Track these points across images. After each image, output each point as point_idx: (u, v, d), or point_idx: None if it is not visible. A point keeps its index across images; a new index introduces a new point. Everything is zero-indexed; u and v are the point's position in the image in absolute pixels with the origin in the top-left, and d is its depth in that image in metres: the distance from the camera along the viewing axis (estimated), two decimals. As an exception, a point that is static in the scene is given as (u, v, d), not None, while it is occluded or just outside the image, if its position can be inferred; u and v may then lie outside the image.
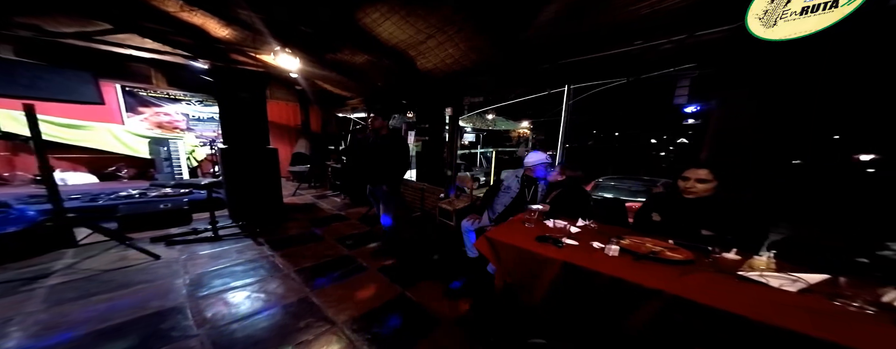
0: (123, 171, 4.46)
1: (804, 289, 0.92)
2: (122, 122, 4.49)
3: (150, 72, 4.27)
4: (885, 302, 0.79)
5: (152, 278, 1.96)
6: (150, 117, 4.74)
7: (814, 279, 0.96)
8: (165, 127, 4.88)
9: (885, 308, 0.79)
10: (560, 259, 1.17)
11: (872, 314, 0.80)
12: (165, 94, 4.83)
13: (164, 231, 2.77)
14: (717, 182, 1.34)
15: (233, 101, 3.06)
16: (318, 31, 2.86)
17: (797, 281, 0.95)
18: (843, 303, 0.84)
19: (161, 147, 4.37)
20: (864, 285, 0.85)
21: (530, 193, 2.15)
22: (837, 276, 0.91)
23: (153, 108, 4.76)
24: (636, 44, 1.81)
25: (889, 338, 0.70)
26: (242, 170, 3.12)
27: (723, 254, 1.09)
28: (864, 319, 0.79)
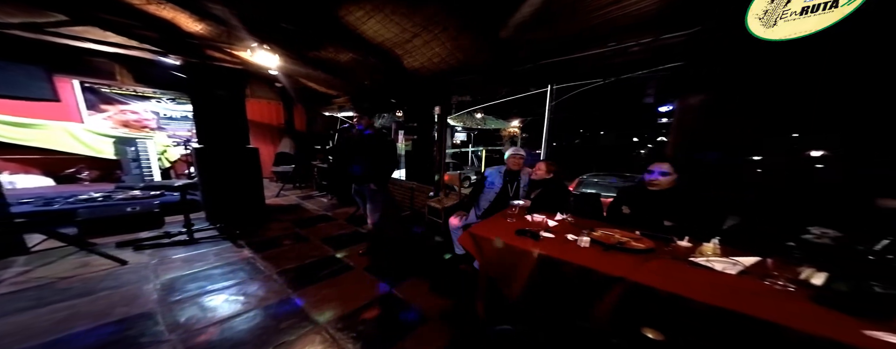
0: (84, 174, 4.12)
1: (742, 271, 1.02)
2: (82, 120, 4.16)
3: (113, 67, 4.00)
4: (802, 279, 0.90)
5: (118, 284, 1.84)
6: (114, 115, 4.43)
7: (749, 262, 1.06)
8: (133, 126, 4.57)
9: (802, 285, 0.90)
10: (536, 251, 1.21)
11: (793, 291, 0.90)
12: (132, 91, 4.53)
13: (133, 235, 2.60)
14: (678, 175, 1.44)
15: (208, 99, 2.93)
16: (300, 29, 2.80)
17: (736, 264, 1.05)
18: (771, 283, 0.94)
19: (128, 147, 4.08)
20: (787, 265, 0.96)
21: (513, 188, 2.21)
22: (766, 258, 1.01)
23: (118, 106, 4.45)
24: (609, 46, 1.92)
25: (804, 312, 0.80)
26: (220, 170, 2.99)
27: (678, 242, 1.18)
28: (785, 296, 0.89)
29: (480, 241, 1.43)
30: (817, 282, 0.87)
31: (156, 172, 4.34)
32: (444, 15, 2.23)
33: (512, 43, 2.25)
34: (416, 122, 3.78)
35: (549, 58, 2.26)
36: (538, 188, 2.02)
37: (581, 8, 1.77)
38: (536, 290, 1.23)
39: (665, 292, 0.91)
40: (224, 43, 3.27)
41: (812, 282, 0.88)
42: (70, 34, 2.96)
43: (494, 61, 2.58)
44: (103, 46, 3.27)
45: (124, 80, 4.11)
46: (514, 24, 1.98)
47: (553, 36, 2.07)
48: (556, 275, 1.17)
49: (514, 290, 1.29)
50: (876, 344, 0.68)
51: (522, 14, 1.84)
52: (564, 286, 1.15)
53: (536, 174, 2.03)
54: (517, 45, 2.27)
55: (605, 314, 1.02)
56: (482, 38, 2.37)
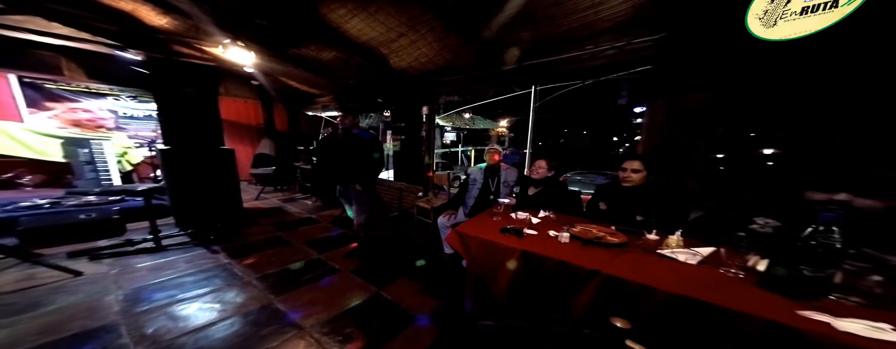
0: (26, 178, 3.68)
1: (701, 261, 1.12)
2: (21, 119, 3.72)
3: (60, 61, 3.61)
4: (749, 266, 1.01)
5: (72, 297, 1.67)
6: (62, 114, 4.00)
7: (706, 252, 1.14)
8: (86, 125, 4.15)
9: (749, 271, 1.00)
10: (519, 248, 1.25)
11: (742, 277, 0.98)
12: (84, 88, 4.12)
13: (89, 244, 2.37)
14: (648, 171, 1.54)
15: (175, 98, 2.74)
16: (277, 25, 2.70)
17: (696, 254, 1.13)
18: (724, 271, 1.02)
19: (80, 149, 3.70)
20: (737, 254, 1.06)
21: (494, 183, 2.27)
22: (720, 248, 1.11)
23: (67, 104, 4.02)
24: (587, 48, 2.03)
25: (750, 297, 0.88)
26: (191, 173, 2.80)
27: (647, 235, 1.27)
28: (736, 282, 0.97)
29: (467, 240, 1.45)
30: (761, 269, 0.96)
31: (115, 176, 3.97)
32: (430, 15, 2.25)
33: (497, 44, 2.31)
34: (404, 121, 3.76)
35: (531, 59, 2.33)
36: (539, 186, 2.00)
37: (559, 12, 1.86)
38: (521, 286, 1.26)
39: (635, 283, 0.98)
40: (193, 38, 3.07)
41: (757, 269, 0.97)
42: (6, 23, 2.65)
43: (480, 62, 2.63)
44: (48, 38, 2.96)
45: (74, 75, 3.73)
46: (497, 26, 2.04)
47: (534, 38, 2.15)
48: (539, 271, 1.21)
49: (501, 287, 1.31)
50: (807, 322, 0.76)
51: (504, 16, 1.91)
52: (546, 281, 1.19)
53: (537, 173, 1.99)
54: (502, 47, 2.33)
55: (584, 306, 1.07)
56: (468, 39, 2.41)
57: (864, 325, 0.72)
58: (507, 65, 2.47)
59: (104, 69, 3.82)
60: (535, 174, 2.00)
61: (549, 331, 1.17)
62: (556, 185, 2.00)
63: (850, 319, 0.75)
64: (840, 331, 0.72)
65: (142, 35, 3.05)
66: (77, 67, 3.73)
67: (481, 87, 2.98)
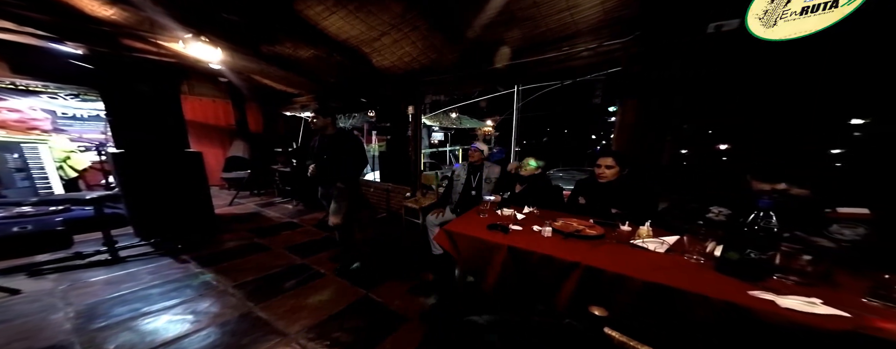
0: (-63, 190, 3.14)
1: (668, 249, 1.17)
2: (-69, 121, 3.17)
3: (-22, 53, 3.13)
4: (707, 252, 1.11)
5: (9, 317, 1.48)
6: (-17, 115, 3.46)
7: (671, 240, 1.22)
8: (13, 127, 3.62)
9: (708, 257, 1.10)
10: (506, 244, 1.29)
11: (703, 263, 1.06)
12: (9, 84, 3.59)
13: (25, 259, 2.09)
14: (620, 167, 1.65)
15: (127, 96, 2.48)
16: (248, 20, 2.54)
17: (663, 243, 1.20)
18: (688, 257, 1.10)
19: (7, 154, 3.23)
20: (697, 241, 1.15)
21: (476, 179, 2.34)
22: (683, 236, 1.20)
23: (-11, 103, 3.49)
24: (564, 50, 2.14)
25: (710, 281, 0.95)
26: (151, 178, 2.55)
27: (621, 227, 1.34)
28: (697, 268, 1.05)
29: (456, 238, 1.47)
30: (718, 254, 1.05)
31: (56, 183, 3.51)
32: (414, 14, 2.24)
33: (480, 44, 2.36)
34: (390, 121, 3.70)
35: (514, 59, 2.40)
36: (525, 183, 2.05)
37: (538, 13, 1.94)
38: (508, 281, 1.30)
39: (611, 273, 1.04)
40: (147, 32, 2.80)
41: (715, 254, 1.07)
42: None
43: (465, 61, 2.66)
44: (-41, 27, 2.55)
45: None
46: (480, 26, 2.09)
47: (516, 38, 2.22)
48: (525, 265, 1.25)
49: (489, 283, 1.34)
50: (755, 301, 0.83)
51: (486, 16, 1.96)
52: (532, 274, 1.24)
53: (525, 170, 2.03)
54: (485, 46, 2.38)
55: (567, 297, 1.12)
56: (453, 39, 2.42)
57: (801, 301, 0.80)
58: (491, 64, 2.53)
59: (34, 63, 3.36)
60: (523, 171, 2.04)
61: (534, 322, 1.20)
62: (543, 182, 2.08)
63: (789, 296, 0.83)
64: (782, 307, 0.80)
65: (83, 27, 2.72)
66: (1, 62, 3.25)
67: (467, 87, 3.02)
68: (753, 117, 1.76)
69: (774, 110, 1.67)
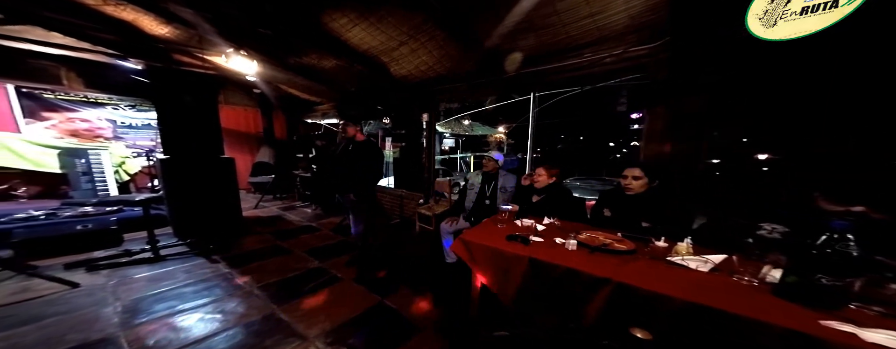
0: (21, 190, 3.63)
1: (712, 268, 1.08)
2: (18, 129, 3.69)
3: (59, 71, 3.62)
4: (762, 274, 1.00)
5: (69, 309, 1.64)
6: (60, 124, 3.98)
7: (717, 259, 1.12)
8: (83, 135, 4.13)
9: (763, 279, 0.99)
10: (526, 255, 1.25)
11: (756, 285, 0.97)
12: (83, 97, 4.11)
13: (85, 255, 2.33)
14: (648, 178, 1.55)
15: (175, 107, 2.74)
16: (279, 34, 2.74)
17: (707, 262, 1.11)
18: (737, 278, 1.01)
19: (77, 159, 3.67)
20: (749, 261, 1.06)
21: (490, 188, 2.29)
22: (732, 255, 1.11)
23: (65, 114, 4.01)
24: (585, 56, 2.08)
25: (768, 306, 0.86)
26: (190, 182, 2.78)
27: (656, 242, 1.26)
28: (750, 291, 0.95)
29: (472, 248, 1.45)
30: (776, 277, 0.94)
31: (112, 186, 3.92)
32: (431, 24, 2.30)
33: (497, 52, 2.36)
34: (404, 129, 3.78)
35: (531, 67, 2.38)
36: (542, 194, 1.99)
37: (558, 21, 1.91)
38: (529, 294, 1.26)
39: (647, 291, 0.97)
40: (195, 47, 3.11)
41: (772, 277, 0.96)
42: (4, 34, 2.66)
43: (481, 69, 2.67)
44: (47, 48, 2.97)
45: (73, 84, 3.73)
46: (498, 35, 2.09)
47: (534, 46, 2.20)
48: (547, 278, 1.20)
49: (508, 295, 1.31)
50: (831, 333, 0.74)
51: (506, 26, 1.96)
52: (555, 288, 1.19)
53: (538, 181, 1.97)
54: (502, 55, 2.38)
55: (595, 314, 1.06)
56: (469, 47, 2.45)
57: (890, 336, 0.71)
58: (507, 72, 2.52)
59: (104, 78, 3.82)
60: (536, 184, 1.98)
61: (565, 340, 1.14)
62: (560, 192, 2.00)
63: (875, 330, 0.73)
64: (867, 341, 0.71)
65: (143, 44, 3.07)
66: (76, 77, 3.74)
67: (481, 94, 3.03)
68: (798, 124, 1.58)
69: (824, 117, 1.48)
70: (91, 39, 2.92)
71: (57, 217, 2.79)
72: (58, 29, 2.66)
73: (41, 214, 2.81)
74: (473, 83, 2.87)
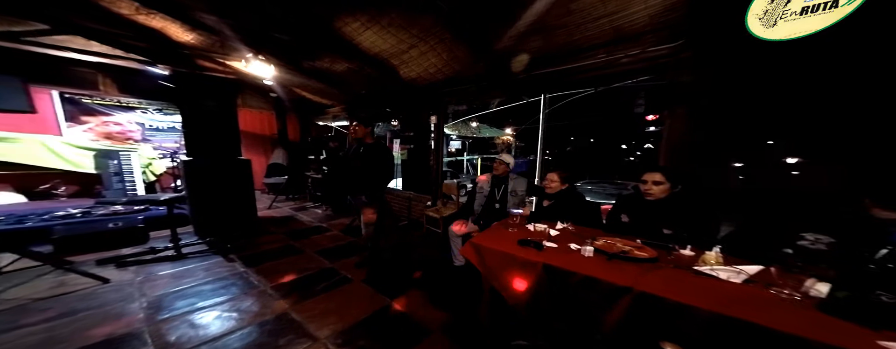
0: (61, 189, 3.91)
1: (746, 279, 1.02)
2: (60, 132, 3.98)
3: (97, 77, 3.88)
4: (806, 287, 0.92)
5: (100, 304, 1.73)
6: (96, 127, 4.26)
7: (753, 270, 1.06)
8: (116, 137, 4.40)
9: (807, 293, 0.91)
10: (540, 261, 1.22)
11: (799, 299, 0.90)
12: (116, 102, 4.39)
13: (115, 252, 2.47)
14: (671, 184, 1.48)
15: (198, 110, 2.87)
16: (295, 39, 2.82)
17: (740, 272, 1.04)
18: (776, 291, 0.94)
19: (110, 160, 3.91)
20: (789, 274, 0.98)
21: (499, 192, 2.25)
22: (769, 267, 1.03)
23: (100, 117, 4.29)
24: (600, 57, 2.02)
25: (814, 322, 0.79)
26: (210, 183, 2.90)
27: (681, 251, 1.20)
28: (792, 305, 0.89)
29: (483, 252, 1.43)
30: (822, 291, 0.87)
31: (140, 186, 4.16)
32: (440, 27, 2.30)
33: (507, 54, 2.33)
34: (413, 131, 3.80)
35: (542, 68, 2.34)
36: (553, 198, 1.96)
37: (574, 22, 1.87)
38: (542, 301, 1.23)
39: (674, 301, 0.91)
40: (217, 53, 3.25)
41: (816, 291, 0.89)
42: (50, 43, 2.88)
43: (490, 71, 2.65)
44: (86, 56, 3.19)
45: (108, 89, 3.99)
46: (510, 36, 2.06)
47: (547, 47, 2.16)
48: (562, 286, 1.17)
49: (520, 300, 1.28)
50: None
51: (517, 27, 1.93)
52: (571, 296, 1.15)
53: (549, 187, 1.94)
54: (512, 56, 2.35)
55: (614, 324, 1.02)
56: (478, 50, 2.44)
57: None
58: (518, 74, 2.48)
59: (135, 83, 4.07)
60: (547, 188, 1.95)
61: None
62: (573, 196, 1.95)
63: None
64: None
65: (169, 51, 3.24)
66: (111, 82, 4.00)
67: (490, 96, 3.00)
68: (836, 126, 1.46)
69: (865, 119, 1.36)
70: (124, 47, 3.12)
71: (91, 215, 2.98)
72: (96, 38, 2.86)
73: (78, 212, 3.01)
74: (482, 85, 2.85)
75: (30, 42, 2.79)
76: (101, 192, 3.96)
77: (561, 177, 1.92)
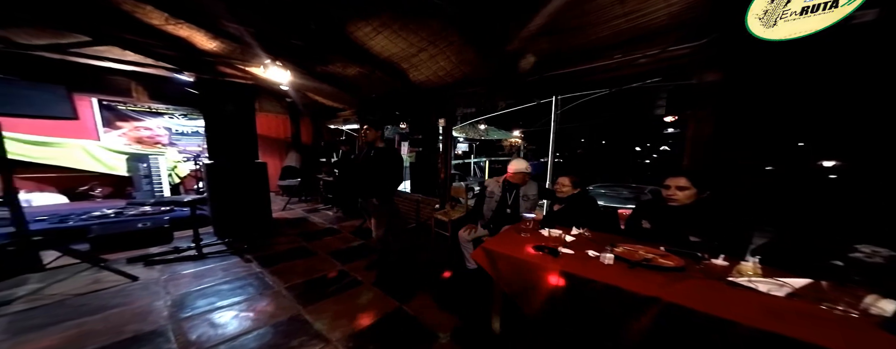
0: (97, 190, 4.20)
1: (791, 293, 0.94)
2: (98, 137, 4.29)
3: (130, 85, 4.15)
4: (865, 304, 0.83)
5: (129, 301, 1.84)
6: (129, 132, 4.56)
7: (799, 283, 0.97)
8: (146, 142, 4.69)
9: (865, 310, 0.83)
10: (557, 269, 1.18)
11: (856, 317, 0.82)
12: (147, 108, 4.68)
13: (143, 251, 2.62)
14: (697, 189, 1.40)
15: (219, 114, 3.00)
16: (310, 44, 2.90)
17: (784, 285, 0.96)
18: (829, 307, 0.86)
19: (140, 163, 4.18)
20: (844, 289, 0.89)
21: (511, 197, 2.20)
22: (819, 280, 0.94)
23: (133, 123, 4.58)
24: (616, 57, 1.95)
25: (877, 341, 0.73)
26: (229, 185, 3.03)
27: (712, 260, 1.12)
28: (848, 323, 0.81)
29: (495, 258, 1.40)
30: (886, 309, 0.79)
31: (166, 188, 4.40)
32: (451, 30, 2.30)
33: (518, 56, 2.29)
34: (421, 133, 3.82)
35: (555, 69, 2.29)
36: (563, 203, 1.93)
37: (589, 22, 1.81)
38: (558, 309, 1.19)
39: (706, 314, 0.85)
40: (237, 59, 3.39)
41: (878, 308, 0.80)
42: (91, 54, 3.12)
43: (499, 74, 2.62)
44: (122, 65, 3.43)
45: (140, 97, 4.26)
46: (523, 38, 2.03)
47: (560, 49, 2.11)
48: (581, 294, 1.13)
49: (535, 308, 1.25)
50: None
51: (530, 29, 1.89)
52: (590, 305, 1.11)
53: (561, 191, 1.92)
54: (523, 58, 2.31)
55: (637, 336, 0.97)
56: (488, 52, 2.42)
57: None
58: (529, 76, 2.43)
59: (163, 90, 4.32)
60: (558, 193, 1.92)
61: None
62: (585, 201, 1.90)
63: None
64: None
65: (194, 58, 3.42)
66: (142, 89, 4.27)
67: (499, 99, 2.97)
68: None
69: None
70: (154, 55, 3.32)
71: (123, 215, 3.18)
72: (130, 47, 3.06)
73: (111, 213, 3.22)
74: (492, 87, 2.82)
75: (74, 53, 3.04)
76: (131, 194, 4.23)
77: (572, 182, 1.89)
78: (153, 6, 2.37)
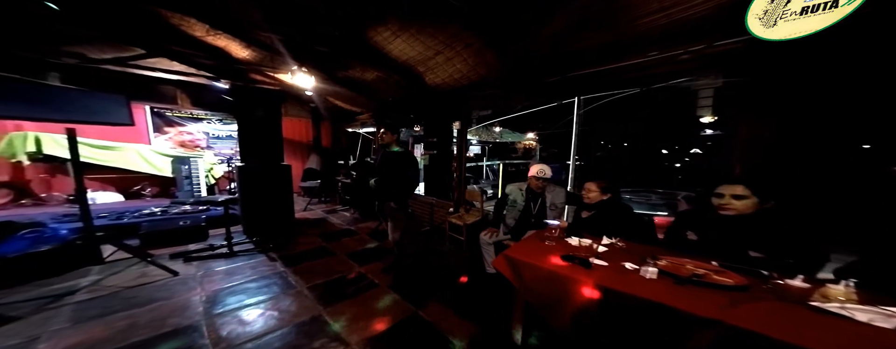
0: (147, 190, 4.66)
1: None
2: (149, 141, 4.75)
3: (175, 93, 4.55)
4: None
5: (170, 295, 1.98)
6: (173, 137, 5.00)
7: None
8: (187, 145, 5.13)
9: None
10: (592, 281, 1.10)
11: None
12: (189, 114, 5.11)
13: (183, 247, 2.83)
14: (757, 198, 1.24)
15: (250, 119, 3.19)
16: (333, 50, 3.00)
17: (892, 316, 0.81)
18: None
19: (183, 165, 4.57)
20: None
21: (536, 206, 2.10)
22: None
23: (177, 128, 5.03)
24: (651, 55, 1.79)
25: None
26: (257, 186, 3.20)
27: (786, 280, 0.97)
28: None
29: (519, 266, 1.34)
30: None
31: (203, 188, 4.78)
32: (469, 32, 2.25)
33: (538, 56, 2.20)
34: (436, 136, 3.80)
35: (580, 69, 2.16)
36: (593, 210, 1.81)
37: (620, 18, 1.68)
38: (591, 324, 1.11)
39: (784, 342, 0.74)
40: (267, 66, 3.59)
41: None
42: (145, 65, 3.46)
43: (518, 75, 2.53)
44: (169, 74, 3.77)
45: (184, 103, 4.65)
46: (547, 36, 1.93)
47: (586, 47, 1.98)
48: (619, 310, 1.04)
49: (563, 322, 1.18)
50: None
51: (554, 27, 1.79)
52: (630, 323, 1.02)
53: (587, 197, 1.79)
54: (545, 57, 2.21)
55: None
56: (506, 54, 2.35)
57: None
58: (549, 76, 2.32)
59: (202, 97, 4.70)
60: (585, 199, 1.80)
61: None
62: (617, 208, 1.76)
63: None
64: None
65: (229, 66, 3.68)
66: (186, 97, 4.67)
67: (517, 101, 2.86)
68: None
69: None
70: (196, 65, 3.61)
71: (168, 213, 3.48)
72: (176, 58, 3.35)
73: (158, 211, 3.54)
74: (509, 89, 2.73)
75: (132, 65, 3.39)
76: (175, 194, 4.63)
77: (600, 187, 1.75)
78: (196, 19, 2.57)
